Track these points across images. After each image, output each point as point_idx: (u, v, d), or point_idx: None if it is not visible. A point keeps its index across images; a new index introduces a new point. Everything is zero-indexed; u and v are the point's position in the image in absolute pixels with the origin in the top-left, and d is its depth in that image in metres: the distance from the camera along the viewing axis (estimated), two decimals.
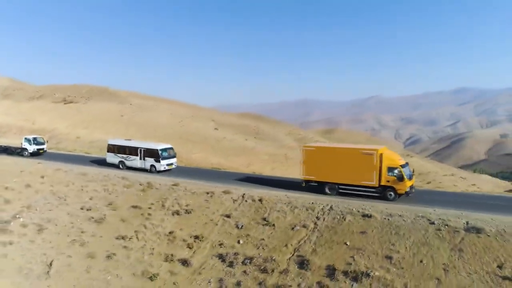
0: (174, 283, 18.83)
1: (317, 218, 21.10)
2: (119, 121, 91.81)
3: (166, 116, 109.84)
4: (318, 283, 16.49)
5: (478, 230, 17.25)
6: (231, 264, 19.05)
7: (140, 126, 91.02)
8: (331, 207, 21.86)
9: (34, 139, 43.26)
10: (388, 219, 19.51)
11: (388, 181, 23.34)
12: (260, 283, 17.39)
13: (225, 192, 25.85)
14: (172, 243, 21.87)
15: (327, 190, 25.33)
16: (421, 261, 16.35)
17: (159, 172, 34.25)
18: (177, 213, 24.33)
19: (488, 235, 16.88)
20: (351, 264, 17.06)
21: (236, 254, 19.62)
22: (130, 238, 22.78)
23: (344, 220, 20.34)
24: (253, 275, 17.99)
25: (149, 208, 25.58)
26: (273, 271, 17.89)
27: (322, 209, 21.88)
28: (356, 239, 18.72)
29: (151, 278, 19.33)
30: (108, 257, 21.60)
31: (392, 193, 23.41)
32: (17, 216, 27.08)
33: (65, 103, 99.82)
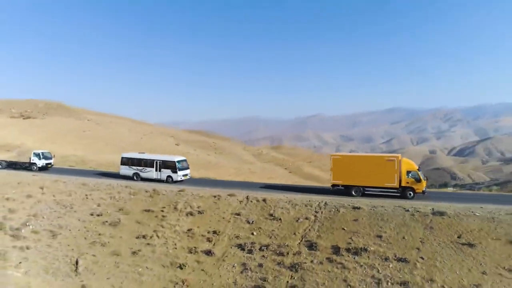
0: (202, 270, 21.89)
1: (316, 212, 25.52)
2: (84, 137, 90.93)
3: (126, 132, 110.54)
4: (327, 258, 20.69)
5: (441, 213, 22.76)
6: (250, 251, 22.60)
7: (107, 141, 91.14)
8: (325, 203, 26.45)
9: (43, 153, 43.44)
10: (374, 209, 24.50)
11: (407, 183, 28.11)
12: (278, 263, 21.16)
13: (230, 195, 29.40)
14: (192, 238, 24.87)
15: (353, 193, 29.56)
16: (403, 237, 21.32)
17: (175, 182, 36.28)
18: (191, 214, 27.34)
19: (449, 217, 22.42)
20: (350, 243, 21.56)
21: (252, 243, 23.22)
22: (150, 237, 25.32)
23: (339, 212, 24.97)
24: (271, 258, 21.72)
25: (162, 211, 28.26)
26: (287, 253, 21.78)
27: (318, 204, 26.38)
28: (351, 225, 23.35)
29: (180, 267, 22.18)
30: (134, 253, 24.01)
31: (411, 192, 28.16)
32: (27, 223, 28.21)
33: (24, 118, 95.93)
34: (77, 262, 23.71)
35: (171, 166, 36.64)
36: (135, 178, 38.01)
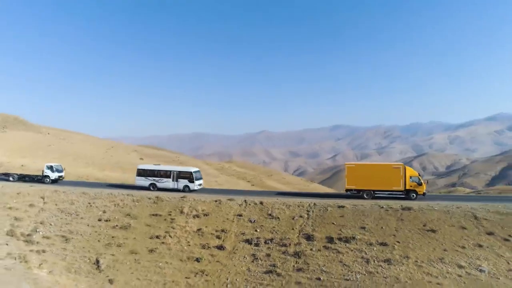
0: (217, 261, 25.16)
1: (308, 211, 29.91)
2: (51, 151, 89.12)
3: (88, 146, 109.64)
4: (324, 246, 25.02)
5: (409, 208, 28.24)
6: (257, 244, 26.30)
7: (74, 155, 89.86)
8: (314, 204, 30.98)
9: (55, 166, 43.82)
10: (355, 207, 29.45)
11: (411, 186, 33.25)
12: (283, 252, 25.08)
13: (230, 200, 32.91)
14: (203, 236, 28.01)
15: (365, 196, 34.02)
16: (381, 227, 26.32)
17: (192, 191, 38.45)
18: (197, 216, 30.45)
19: (415, 210, 27.92)
20: (341, 234, 26.11)
21: (258, 238, 26.94)
22: (164, 237, 28.05)
23: (327, 210, 29.58)
24: (276, 249, 25.61)
25: (169, 214, 31.02)
26: (290, 244, 25.80)
27: (309, 205, 30.84)
28: (339, 220, 27.99)
29: (197, 260, 25.26)
30: (151, 251, 26.63)
31: (414, 194, 33.22)
32: (37, 230, 29.60)
33: None
34: (98, 261, 25.84)
35: (188, 176, 38.94)
36: (151, 188, 39.49)
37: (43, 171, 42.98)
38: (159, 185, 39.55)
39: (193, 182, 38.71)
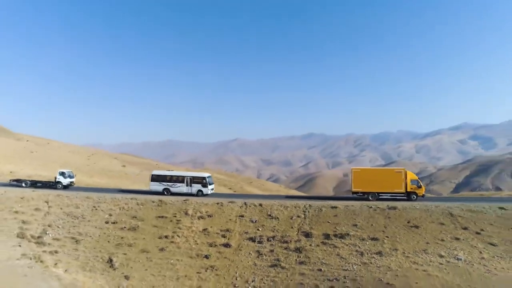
0: (225, 257, 27.17)
1: (304, 211, 32.51)
2: (35, 157, 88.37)
3: (70, 154, 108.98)
4: (322, 242, 27.61)
5: (394, 208, 31.41)
6: (260, 242, 28.54)
7: (58, 162, 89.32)
8: (309, 205, 33.64)
9: (67, 172, 44.30)
10: (347, 208, 32.33)
11: (412, 188, 36.24)
12: (285, 248, 27.45)
13: (231, 202, 35.03)
14: (209, 235, 29.95)
15: (370, 198, 36.75)
16: (372, 225, 29.27)
17: (205, 195, 39.96)
18: (202, 217, 32.34)
19: (400, 210, 31.12)
20: (336, 231, 28.82)
21: (260, 236, 29.20)
22: (172, 237, 29.76)
23: (321, 210, 32.29)
24: (279, 245, 27.95)
25: (174, 216, 32.74)
26: (290, 241, 28.21)
27: (305, 206, 33.46)
28: (333, 219, 30.73)
29: (206, 257, 27.17)
30: (161, 250, 28.30)
31: (414, 195, 36.23)
32: (47, 232, 30.57)
33: None
34: (111, 260, 27.23)
35: (201, 181, 40.54)
36: (165, 193, 40.81)
37: (55, 177, 43.53)
38: (172, 190, 40.91)
39: (206, 186, 40.32)
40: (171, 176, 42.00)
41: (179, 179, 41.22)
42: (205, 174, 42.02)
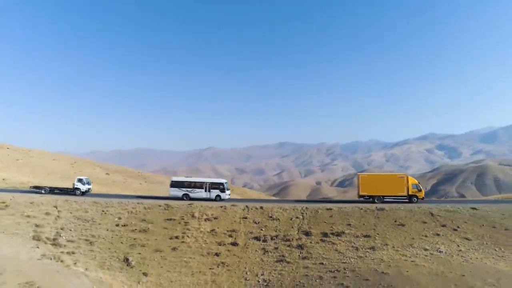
0: (234, 255, 29.46)
1: (302, 213, 35.33)
2: (22, 165, 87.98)
3: (53, 162, 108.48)
4: (320, 239, 30.44)
5: (382, 209, 34.79)
6: (264, 241, 31.03)
7: (45, 170, 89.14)
8: (306, 207, 36.51)
9: (85, 179, 45.34)
10: (341, 209, 35.44)
11: (413, 192, 39.75)
12: (288, 246, 30.06)
13: (233, 206, 37.37)
14: (216, 235, 32.14)
15: (376, 201, 39.92)
16: (363, 224, 32.43)
17: (222, 200, 41.98)
18: (208, 219, 34.49)
19: (387, 211, 34.53)
20: (332, 229, 31.76)
21: (264, 235, 31.71)
22: (182, 237, 31.74)
23: (318, 212, 35.22)
24: (282, 243, 30.52)
25: (182, 218, 34.71)
26: (292, 239, 30.86)
27: (302, 208, 36.31)
28: (328, 219, 33.70)
29: (216, 254, 29.35)
30: (174, 249, 30.23)
31: (415, 198, 39.71)
32: (61, 235, 31.85)
33: None
34: (127, 259, 28.92)
35: (220, 187, 42.56)
36: (184, 198, 42.43)
37: (73, 184, 44.71)
38: (192, 195, 42.61)
39: (224, 191, 42.46)
40: (190, 182, 43.82)
41: (198, 185, 43.09)
42: (222, 180, 44.40)
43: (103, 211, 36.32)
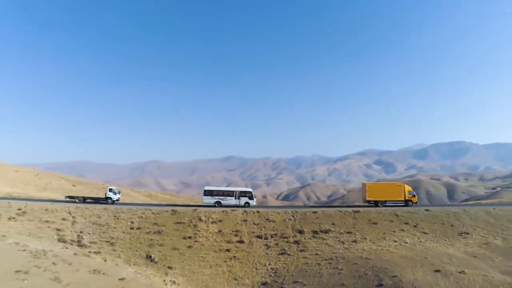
0: (242, 250, 34.09)
1: (293, 215, 40.89)
2: None
3: (17, 173, 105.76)
4: (312, 236, 36.09)
5: (358, 211, 41.45)
6: (266, 238, 36.02)
7: (20, 181, 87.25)
8: (296, 211, 42.15)
9: (115, 189, 47.84)
10: (324, 212, 41.54)
11: (408, 197, 46.69)
12: (287, 242, 35.31)
13: (233, 210, 41.97)
14: (224, 235, 36.53)
15: (379, 205, 46.42)
16: (345, 223, 38.71)
17: (251, 206, 45.78)
18: (214, 222, 38.75)
19: (362, 213, 41.24)
20: (321, 228, 37.61)
21: (265, 234, 36.71)
22: (194, 237, 35.73)
23: (306, 214, 41.01)
24: (281, 240, 35.70)
25: (191, 222, 38.62)
26: (289, 236, 36.20)
27: (292, 212, 41.89)
28: (316, 220, 39.58)
29: (227, 250, 33.77)
30: (189, 247, 34.15)
31: (410, 202, 46.62)
32: (83, 237, 34.45)
33: None
34: (150, 256, 32.38)
35: (247, 195, 46.61)
36: (216, 205, 45.78)
37: (105, 193, 47.09)
38: (223, 202, 46.23)
39: (252, 199, 46.71)
40: (222, 191, 47.73)
41: (229, 194, 46.90)
42: (250, 189, 48.84)
43: (115, 216, 39.12)
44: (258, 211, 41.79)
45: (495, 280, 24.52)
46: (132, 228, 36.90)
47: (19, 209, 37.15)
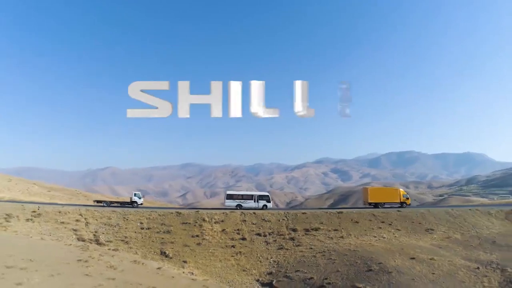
0: (245, 246, 37.92)
1: (285, 216, 45.27)
2: None
3: None
4: (305, 233, 40.59)
5: (341, 212, 46.67)
6: (264, 236, 40.08)
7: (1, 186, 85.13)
8: (288, 212, 46.61)
9: (139, 194, 50.21)
10: (312, 213, 46.36)
11: (403, 200, 52.00)
12: (283, 238, 39.57)
13: (232, 212, 45.70)
14: (227, 233, 40.14)
15: (379, 207, 50.98)
16: (331, 222, 43.64)
17: (268, 209, 49.12)
18: (217, 222, 42.23)
19: (345, 213, 46.44)
20: (311, 226, 42.23)
21: (263, 232, 40.73)
22: (201, 235, 39.07)
23: (297, 215, 45.55)
24: (278, 237, 39.90)
25: (196, 222, 41.84)
26: (284, 234, 40.47)
27: (285, 213, 46.29)
28: (306, 220, 44.21)
29: (233, 246, 37.48)
30: (198, 244, 37.48)
31: (405, 204, 51.84)
32: (99, 237, 36.79)
33: None
34: (164, 252, 35.39)
35: (266, 198, 50.24)
36: (237, 208, 48.42)
37: (131, 198, 49.20)
38: (244, 205, 49.24)
39: (269, 202, 50.34)
40: (242, 195, 51.65)
41: (249, 197, 50.68)
42: (267, 193, 52.87)
43: (124, 217, 41.52)
44: (254, 213, 45.78)
45: (458, 264, 30.35)
46: (142, 228, 39.56)
47: (34, 212, 38.62)
